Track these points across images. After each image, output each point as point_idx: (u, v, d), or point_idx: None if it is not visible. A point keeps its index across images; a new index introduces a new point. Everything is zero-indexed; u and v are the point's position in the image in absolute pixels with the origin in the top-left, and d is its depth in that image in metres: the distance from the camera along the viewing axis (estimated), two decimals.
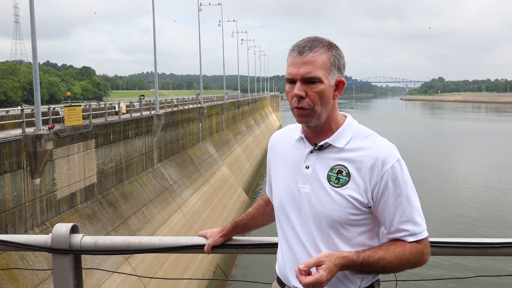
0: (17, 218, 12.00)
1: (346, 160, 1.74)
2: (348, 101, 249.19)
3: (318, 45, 1.74)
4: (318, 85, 1.72)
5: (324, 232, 1.75)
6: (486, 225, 24.60)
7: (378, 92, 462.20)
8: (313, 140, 1.82)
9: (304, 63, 1.72)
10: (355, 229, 1.75)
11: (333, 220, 1.73)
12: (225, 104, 41.87)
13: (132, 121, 20.26)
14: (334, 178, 1.74)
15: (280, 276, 1.90)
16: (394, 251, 1.72)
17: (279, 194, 1.87)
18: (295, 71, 1.73)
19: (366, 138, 1.77)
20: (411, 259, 1.73)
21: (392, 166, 1.71)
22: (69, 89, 79.68)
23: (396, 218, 1.72)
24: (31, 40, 14.24)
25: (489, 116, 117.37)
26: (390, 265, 1.71)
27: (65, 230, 2.14)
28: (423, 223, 1.75)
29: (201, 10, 40.35)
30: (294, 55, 1.75)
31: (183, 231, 20.55)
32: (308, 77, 1.71)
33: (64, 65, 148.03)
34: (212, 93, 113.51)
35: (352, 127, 1.80)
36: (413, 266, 1.75)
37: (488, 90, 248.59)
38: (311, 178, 1.78)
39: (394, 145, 1.77)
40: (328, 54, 1.74)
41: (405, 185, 1.72)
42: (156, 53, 26.04)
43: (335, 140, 1.78)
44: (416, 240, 1.73)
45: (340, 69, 1.77)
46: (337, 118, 1.82)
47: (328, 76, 1.73)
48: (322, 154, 1.79)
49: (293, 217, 1.81)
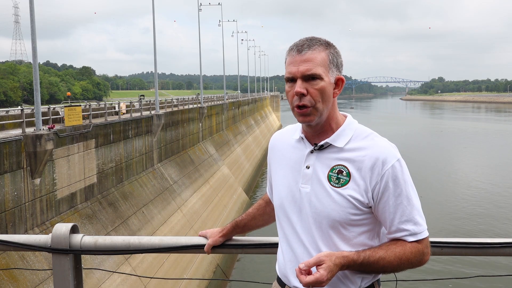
0: (17, 218, 12.00)
1: (347, 160, 1.74)
2: (348, 101, 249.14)
3: (316, 43, 1.76)
4: (319, 82, 1.72)
5: (324, 232, 1.75)
6: (486, 225, 24.60)
7: (378, 92, 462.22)
8: (313, 140, 1.82)
9: (304, 61, 1.73)
10: (355, 229, 1.75)
11: (333, 220, 1.73)
12: (225, 104, 41.87)
13: (132, 121, 20.26)
14: (334, 178, 1.74)
15: (280, 275, 1.90)
16: (394, 250, 1.72)
17: (280, 194, 1.87)
18: (295, 69, 1.74)
19: (366, 138, 1.77)
20: (411, 258, 1.72)
21: (392, 166, 1.71)
22: (69, 89, 79.66)
23: (396, 218, 1.72)
24: (31, 40, 14.24)
25: (489, 116, 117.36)
26: (391, 265, 1.71)
27: (65, 230, 2.14)
28: (424, 223, 1.75)
29: (201, 10, 40.40)
30: (293, 54, 1.76)
31: (183, 231, 20.55)
32: (309, 74, 1.72)
33: (64, 65, 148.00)
34: (212, 93, 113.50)
35: (352, 127, 1.80)
36: (414, 266, 1.74)
37: (488, 90, 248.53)
38: (311, 178, 1.78)
39: (394, 145, 1.77)
40: (326, 52, 1.75)
41: (405, 185, 1.72)
42: (156, 53, 26.04)
43: (335, 140, 1.78)
44: (416, 240, 1.73)
45: (338, 67, 1.78)
46: (337, 117, 1.82)
47: (328, 73, 1.74)
48: (323, 154, 1.79)
49: (293, 217, 1.81)
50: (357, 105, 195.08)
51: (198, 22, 37.86)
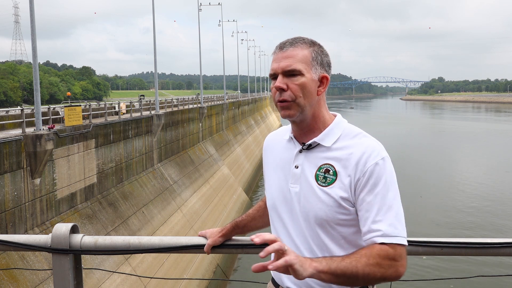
0: (17, 218, 12.00)
1: (333, 159, 1.73)
2: (348, 101, 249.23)
3: (299, 41, 1.78)
4: (299, 78, 1.73)
5: (314, 232, 1.73)
6: (486, 225, 24.60)
7: (378, 92, 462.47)
8: (301, 139, 1.82)
9: (285, 57, 1.74)
10: (343, 229, 1.72)
11: (321, 220, 1.71)
12: (225, 104, 41.88)
13: (132, 121, 20.27)
14: (321, 177, 1.73)
15: (274, 276, 1.91)
16: (360, 253, 1.59)
17: (272, 195, 1.88)
18: (276, 65, 1.75)
19: (354, 137, 1.76)
20: (380, 262, 1.57)
21: (376, 163, 1.67)
22: (69, 89, 79.72)
23: (370, 217, 1.64)
24: (31, 40, 14.24)
25: (489, 116, 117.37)
26: (356, 272, 1.56)
27: (65, 230, 2.14)
28: (401, 229, 1.63)
29: (201, 10, 40.41)
30: (276, 51, 1.79)
31: (183, 231, 20.55)
32: (288, 69, 1.73)
33: (64, 65, 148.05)
34: (212, 93, 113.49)
35: (341, 126, 1.79)
36: (386, 275, 1.58)
37: (488, 90, 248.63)
38: (300, 178, 1.78)
39: (381, 144, 1.74)
40: (310, 49, 1.76)
41: (385, 184, 1.66)
42: (156, 53, 26.06)
43: (323, 139, 1.77)
44: (387, 242, 1.59)
45: (323, 66, 1.78)
46: (324, 116, 1.81)
47: (310, 70, 1.74)
48: (311, 154, 1.78)
49: (285, 217, 1.81)
50: (357, 105, 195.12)
51: (198, 22, 37.89)
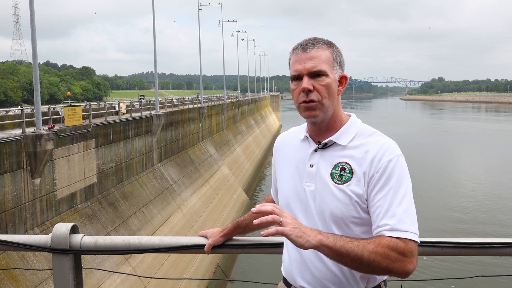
0: (17, 218, 11.99)
1: (349, 157, 1.75)
2: (348, 101, 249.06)
3: (319, 42, 1.80)
4: (324, 78, 1.76)
5: (329, 230, 1.73)
6: (486, 225, 24.60)
7: (378, 92, 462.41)
8: (317, 138, 1.83)
9: (309, 58, 1.76)
10: (359, 228, 1.72)
11: (336, 218, 1.72)
12: (225, 104, 41.86)
13: (132, 121, 20.26)
14: (337, 175, 1.74)
15: (286, 276, 1.89)
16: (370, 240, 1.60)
17: (285, 194, 1.88)
18: (301, 67, 1.77)
19: (370, 136, 1.78)
20: (388, 253, 1.56)
21: (389, 160, 1.69)
22: (69, 89, 79.73)
23: (381, 212, 1.64)
24: (31, 40, 14.23)
25: (489, 116, 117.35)
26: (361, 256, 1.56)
27: (65, 230, 2.14)
28: (412, 225, 1.62)
29: (201, 10, 40.41)
30: (298, 53, 1.79)
31: (183, 231, 20.55)
32: (315, 70, 1.75)
33: (64, 65, 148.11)
34: (212, 93, 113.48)
35: (356, 126, 1.82)
36: (391, 268, 1.57)
37: (488, 90, 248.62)
38: (315, 177, 1.78)
39: (395, 143, 1.77)
40: (330, 50, 1.79)
41: (397, 181, 1.67)
42: (156, 53, 26.05)
43: (339, 138, 1.79)
44: (395, 236, 1.59)
45: (341, 65, 1.82)
46: (341, 116, 1.84)
47: (332, 71, 1.78)
48: (326, 152, 1.80)
49: (299, 215, 1.81)
50: (357, 105, 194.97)
51: (198, 22, 37.87)
